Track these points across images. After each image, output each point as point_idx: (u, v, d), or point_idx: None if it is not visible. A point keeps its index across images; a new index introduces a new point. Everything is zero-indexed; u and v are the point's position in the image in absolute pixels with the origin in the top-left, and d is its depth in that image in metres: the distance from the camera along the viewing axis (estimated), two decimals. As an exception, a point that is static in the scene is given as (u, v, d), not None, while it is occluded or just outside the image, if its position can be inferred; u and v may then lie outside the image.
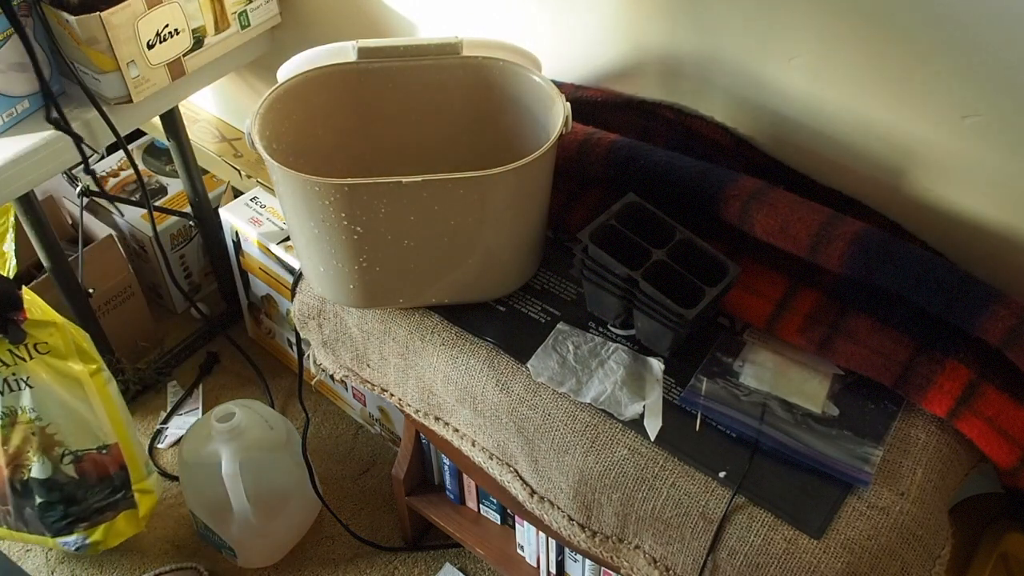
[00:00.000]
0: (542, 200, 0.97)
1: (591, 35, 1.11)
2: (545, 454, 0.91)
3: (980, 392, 0.85)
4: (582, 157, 1.03)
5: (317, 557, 1.52)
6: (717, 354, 0.94)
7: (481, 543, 1.37)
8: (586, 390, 0.91)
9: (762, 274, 0.96)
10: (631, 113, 1.09)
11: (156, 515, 1.58)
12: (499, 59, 1.01)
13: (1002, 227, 0.90)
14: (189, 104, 1.83)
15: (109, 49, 1.19)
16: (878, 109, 0.91)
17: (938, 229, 0.95)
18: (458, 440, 1.03)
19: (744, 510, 0.82)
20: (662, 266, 0.91)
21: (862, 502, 0.82)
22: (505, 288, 1.01)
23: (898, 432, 0.87)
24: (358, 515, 1.58)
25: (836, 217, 0.91)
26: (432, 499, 1.43)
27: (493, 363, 0.95)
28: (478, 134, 1.07)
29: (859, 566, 0.78)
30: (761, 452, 0.85)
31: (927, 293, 0.86)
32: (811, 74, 0.94)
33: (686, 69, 1.04)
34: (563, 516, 0.95)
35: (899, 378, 0.88)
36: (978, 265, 0.93)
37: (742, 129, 1.04)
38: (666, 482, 0.84)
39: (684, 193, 0.97)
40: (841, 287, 0.92)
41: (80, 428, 1.33)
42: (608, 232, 0.93)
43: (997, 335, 0.83)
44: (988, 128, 0.85)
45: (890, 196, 0.96)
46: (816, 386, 0.91)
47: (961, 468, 0.88)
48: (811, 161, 1.00)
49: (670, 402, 0.90)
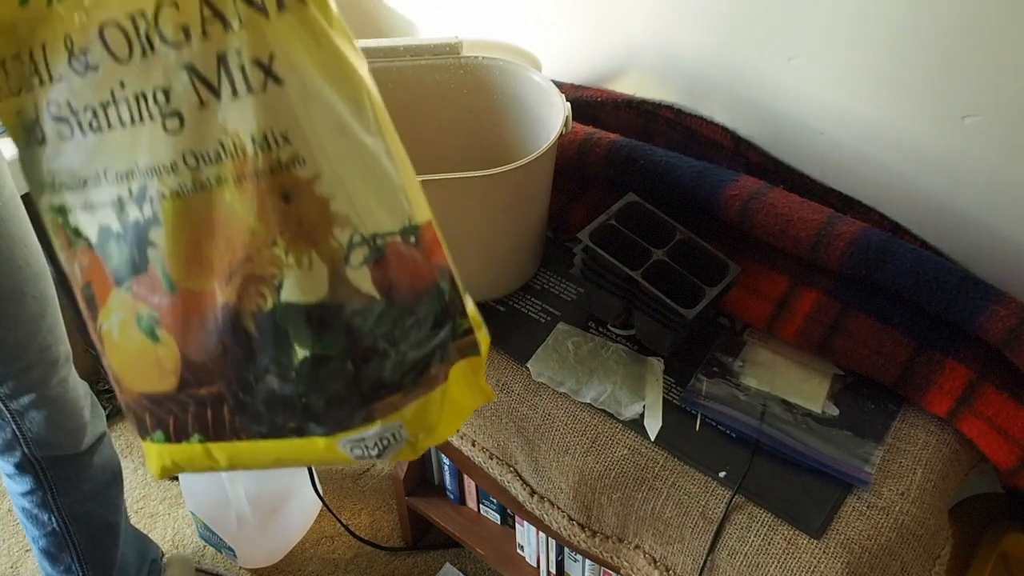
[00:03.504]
0: (542, 200, 0.97)
1: (591, 35, 1.11)
2: (545, 454, 0.91)
3: (980, 392, 0.85)
4: (582, 157, 1.03)
5: (317, 557, 1.52)
6: (717, 354, 0.94)
7: (481, 543, 1.37)
8: (586, 390, 0.91)
9: (762, 274, 0.96)
10: (631, 113, 1.09)
11: (156, 515, 1.58)
12: (499, 59, 1.01)
13: (1002, 227, 0.90)
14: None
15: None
16: (878, 109, 0.91)
17: (938, 229, 0.95)
18: (458, 440, 1.03)
19: (744, 510, 0.82)
20: (662, 266, 0.91)
21: (862, 502, 0.82)
22: (505, 288, 1.01)
23: (898, 432, 0.87)
24: (358, 515, 1.58)
25: (836, 217, 0.91)
26: (432, 499, 1.43)
27: (493, 363, 0.94)
28: (478, 134, 1.07)
29: (859, 566, 0.78)
30: (761, 452, 0.85)
31: (927, 293, 0.86)
32: (811, 74, 0.94)
33: (686, 69, 1.04)
34: (563, 516, 0.95)
35: (899, 378, 0.88)
36: (978, 265, 0.93)
37: (742, 129, 1.04)
38: (666, 482, 0.84)
39: (684, 193, 0.97)
40: (841, 287, 0.92)
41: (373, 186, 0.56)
42: (608, 232, 0.93)
43: (997, 335, 0.83)
44: (988, 128, 0.85)
45: (890, 196, 0.96)
46: (816, 386, 0.91)
47: (961, 468, 0.88)
48: (811, 161, 1.00)
49: (670, 402, 0.90)
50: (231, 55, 0.49)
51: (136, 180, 0.54)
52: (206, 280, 0.56)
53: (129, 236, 0.56)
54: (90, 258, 0.58)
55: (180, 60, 0.50)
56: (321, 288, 0.54)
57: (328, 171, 0.53)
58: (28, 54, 0.54)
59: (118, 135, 0.54)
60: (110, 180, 0.55)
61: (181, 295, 0.57)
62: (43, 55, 0.54)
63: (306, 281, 0.54)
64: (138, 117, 0.53)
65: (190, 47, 0.50)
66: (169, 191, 0.54)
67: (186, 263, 0.56)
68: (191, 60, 0.49)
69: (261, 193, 0.53)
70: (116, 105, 0.53)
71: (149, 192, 0.54)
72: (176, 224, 0.55)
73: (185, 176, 0.53)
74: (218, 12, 0.48)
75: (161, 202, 0.54)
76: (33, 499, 1.09)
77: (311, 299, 0.55)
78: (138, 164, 0.54)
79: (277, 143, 0.51)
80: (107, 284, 0.58)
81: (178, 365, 0.59)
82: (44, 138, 0.56)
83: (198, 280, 0.56)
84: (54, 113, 0.55)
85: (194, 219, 0.54)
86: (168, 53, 0.50)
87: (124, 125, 0.53)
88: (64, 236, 0.59)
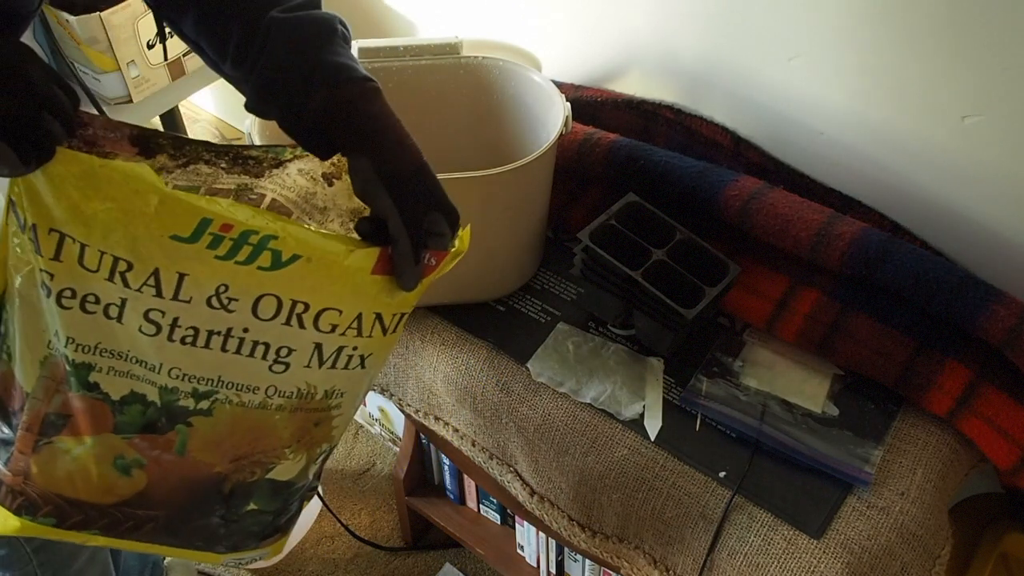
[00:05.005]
0: (542, 200, 0.97)
1: (591, 35, 1.11)
2: (545, 454, 0.91)
3: (980, 392, 0.85)
4: (582, 157, 1.03)
5: (317, 557, 1.52)
6: (717, 354, 0.94)
7: (481, 543, 1.37)
8: (586, 390, 0.91)
9: (762, 274, 0.96)
10: (631, 113, 1.09)
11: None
12: (499, 59, 1.01)
13: (1002, 227, 0.90)
14: (189, 104, 1.83)
15: (109, 49, 1.19)
16: (878, 109, 0.91)
17: (938, 229, 0.95)
18: (458, 440, 1.03)
19: (744, 510, 0.82)
20: (662, 266, 0.91)
21: (862, 502, 0.82)
22: (505, 288, 1.01)
23: (898, 432, 0.87)
24: (358, 515, 1.58)
25: (836, 217, 0.91)
26: (432, 499, 1.43)
27: (493, 363, 0.94)
28: (478, 134, 1.07)
29: (859, 566, 0.78)
30: (761, 452, 0.85)
31: (927, 293, 0.86)
32: (811, 74, 0.94)
33: (686, 69, 1.04)
34: (563, 516, 0.95)
35: (899, 378, 0.88)
36: (978, 265, 0.93)
37: (742, 129, 1.04)
38: (666, 482, 0.84)
39: (684, 193, 0.97)
40: (841, 287, 0.92)
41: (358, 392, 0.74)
42: (608, 232, 0.93)
43: (997, 335, 0.83)
44: (988, 128, 0.85)
45: (890, 196, 0.96)
46: (816, 386, 0.91)
47: (961, 468, 0.88)
48: (811, 161, 1.00)
49: (670, 402, 0.90)
50: (347, 349, 0.66)
51: (206, 385, 0.65)
52: (214, 457, 0.69)
53: (165, 412, 0.66)
54: (91, 406, 0.65)
55: (315, 339, 0.64)
56: (294, 472, 0.73)
57: (346, 412, 0.72)
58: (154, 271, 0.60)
59: (210, 354, 0.63)
60: (173, 376, 0.64)
61: (186, 459, 0.68)
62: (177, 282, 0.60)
63: (289, 468, 0.72)
64: (247, 354, 0.64)
65: (328, 336, 0.64)
66: (236, 401, 0.66)
67: (210, 443, 0.68)
68: (322, 342, 0.65)
69: (304, 420, 0.69)
70: (227, 338, 0.63)
71: (216, 396, 0.66)
72: (223, 420, 0.67)
73: (256, 398, 0.66)
74: (360, 328, 0.65)
75: (225, 405, 0.66)
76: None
77: (284, 478, 0.73)
78: (221, 378, 0.65)
79: (335, 397, 0.69)
80: (99, 428, 0.66)
81: (129, 494, 0.70)
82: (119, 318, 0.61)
83: (208, 455, 0.69)
84: (151, 317, 0.61)
85: (240, 421, 0.67)
86: (310, 331, 0.64)
87: (226, 352, 0.63)
88: (60, 374, 0.64)
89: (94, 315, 0.61)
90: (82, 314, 0.61)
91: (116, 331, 0.62)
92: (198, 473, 0.70)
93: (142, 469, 0.69)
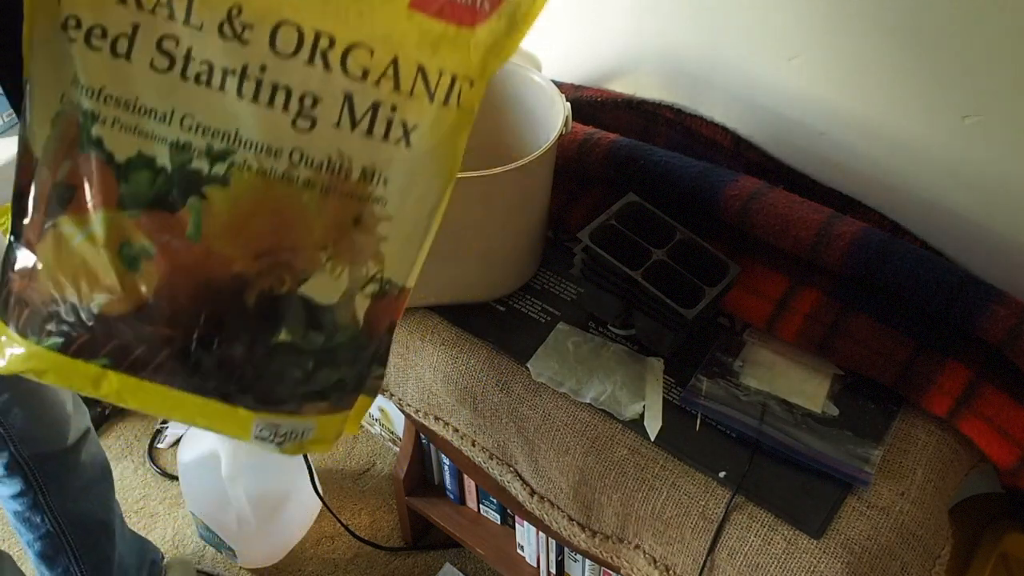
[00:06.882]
0: (542, 200, 0.97)
1: (591, 35, 1.11)
2: (545, 454, 0.91)
3: (980, 392, 0.85)
4: (582, 157, 1.03)
5: (317, 557, 1.52)
6: (717, 354, 0.94)
7: (481, 543, 1.37)
8: (586, 390, 0.91)
9: (762, 274, 0.96)
10: (631, 113, 1.09)
11: (156, 515, 1.59)
12: (499, 59, 1.00)
13: (1002, 227, 0.90)
14: None
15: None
16: (878, 109, 0.91)
17: (938, 229, 0.95)
18: (458, 440, 1.03)
19: (744, 510, 0.82)
20: (662, 266, 0.91)
21: (862, 502, 0.82)
22: (505, 288, 1.01)
23: (898, 432, 0.87)
24: (358, 515, 1.58)
25: (836, 217, 0.91)
26: (432, 499, 1.43)
27: (493, 363, 0.94)
28: (478, 134, 1.07)
29: (859, 566, 0.78)
30: (761, 452, 0.85)
31: (927, 293, 0.86)
32: (811, 74, 0.94)
33: (686, 69, 1.04)
34: (563, 516, 0.95)
35: (899, 378, 0.88)
36: (978, 265, 0.93)
37: (742, 129, 1.04)
38: (666, 482, 0.84)
39: (684, 193, 0.97)
40: (841, 287, 0.92)
41: (410, 247, 0.66)
42: (608, 232, 0.93)
43: (997, 335, 0.83)
44: (988, 128, 0.85)
45: (890, 196, 0.96)
46: (816, 386, 0.91)
47: (961, 468, 0.88)
48: (811, 161, 1.00)
49: (670, 402, 0.90)
50: (385, 108, 0.57)
51: (222, 142, 0.57)
52: (233, 247, 0.59)
53: (176, 178, 0.58)
54: (96, 169, 0.59)
55: (344, 86, 0.56)
56: (333, 297, 0.61)
57: (396, 220, 0.62)
58: None
59: (225, 99, 0.57)
60: (185, 127, 0.57)
61: (200, 247, 0.59)
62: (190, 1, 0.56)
63: (327, 286, 0.61)
64: (266, 100, 0.57)
65: (360, 83, 0.57)
66: (256, 167, 0.58)
67: (227, 226, 0.59)
68: (352, 91, 0.56)
69: (339, 209, 0.60)
70: (243, 78, 0.56)
71: (234, 158, 0.58)
72: (242, 193, 0.58)
73: (280, 164, 0.58)
74: (398, 79, 0.57)
75: (242, 171, 0.58)
76: (24, 501, 1.09)
77: (321, 301, 0.61)
78: (239, 133, 0.57)
79: (377, 182, 0.59)
80: (103, 201, 0.59)
81: (142, 300, 0.60)
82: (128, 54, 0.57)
83: (226, 244, 0.59)
84: (164, 46, 0.56)
85: (261, 197, 0.59)
86: (337, 76, 0.56)
87: (241, 97, 0.57)
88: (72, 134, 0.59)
89: (99, 51, 0.57)
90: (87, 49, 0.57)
91: (124, 71, 0.57)
92: (216, 272, 0.59)
93: (151, 261, 0.59)
